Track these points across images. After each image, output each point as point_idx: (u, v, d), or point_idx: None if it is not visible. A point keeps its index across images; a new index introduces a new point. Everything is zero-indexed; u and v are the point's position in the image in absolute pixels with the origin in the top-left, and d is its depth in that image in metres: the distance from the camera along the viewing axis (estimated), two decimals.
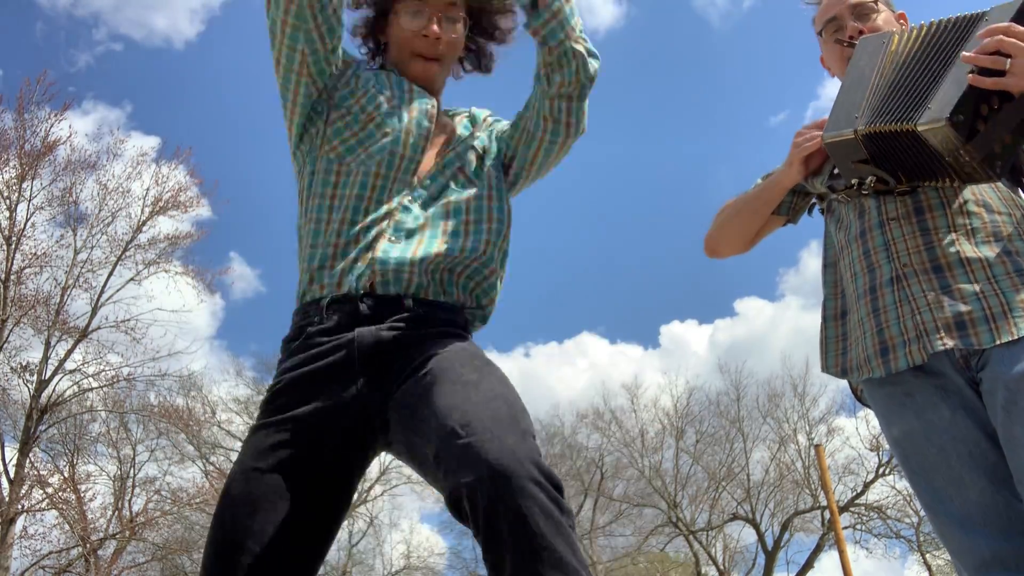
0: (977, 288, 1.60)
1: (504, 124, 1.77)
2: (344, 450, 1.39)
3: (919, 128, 1.53)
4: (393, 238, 1.49)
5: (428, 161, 1.61)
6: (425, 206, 1.55)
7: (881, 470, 20.56)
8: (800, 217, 2.05)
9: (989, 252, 1.64)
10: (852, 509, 21.07)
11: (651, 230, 37.49)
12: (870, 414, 22.18)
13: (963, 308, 1.60)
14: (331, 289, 1.47)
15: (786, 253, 38.53)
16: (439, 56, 1.66)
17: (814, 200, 1.99)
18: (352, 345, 1.40)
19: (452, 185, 1.58)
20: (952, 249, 1.65)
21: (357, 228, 1.50)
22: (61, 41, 29.05)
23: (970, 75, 1.51)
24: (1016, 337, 1.54)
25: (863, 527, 21.18)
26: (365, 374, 1.39)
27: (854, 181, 1.70)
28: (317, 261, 1.51)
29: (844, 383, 1.87)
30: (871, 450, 20.75)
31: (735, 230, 2.03)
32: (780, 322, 33.19)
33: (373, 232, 1.50)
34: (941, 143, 1.52)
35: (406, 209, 1.53)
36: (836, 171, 1.77)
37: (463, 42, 1.72)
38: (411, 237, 1.51)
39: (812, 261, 33.94)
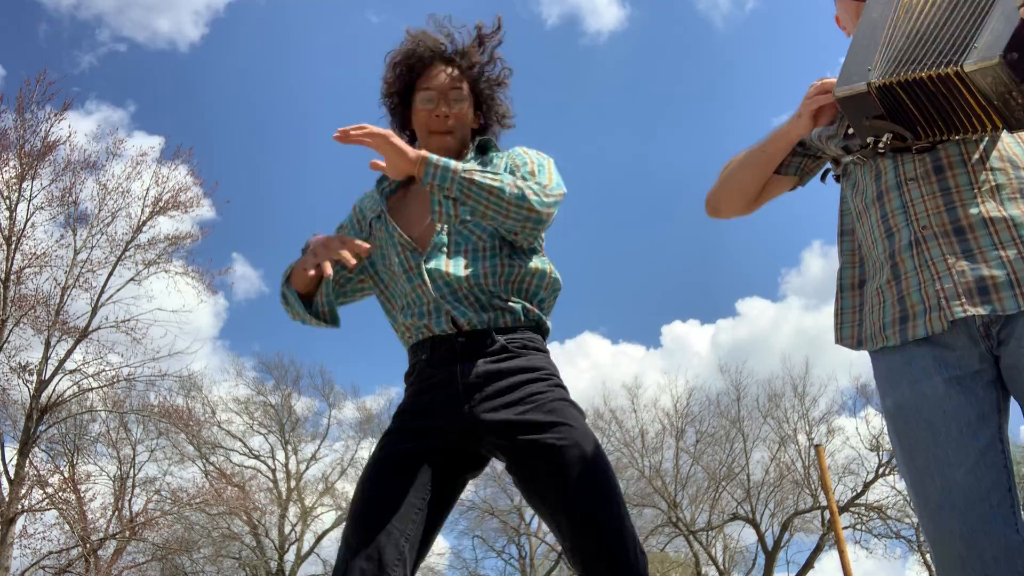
0: (1002, 252, 1.51)
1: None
2: (452, 457, 1.78)
3: (967, 69, 1.42)
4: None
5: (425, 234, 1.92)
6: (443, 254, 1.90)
7: (881, 470, 20.58)
8: (809, 179, 1.94)
9: (1015, 211, 1.54)
10: (852, 509, 21.08)
11: (653, 230, 37.53)
12: (870, 414, 22.09)
13: (986, 272, 1.51)
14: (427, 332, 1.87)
15: (788, 253, 38.58)
16: (451, 130, 1.98)
17: (828, 166, 1.89)
18: (456, 380, 1.79)
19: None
20: (975, 209, 1.55)
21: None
22: (64, 42, 29.11)
23: (1022, 8, 1.39)
24: None
25: (863, 527, 21.20)
26: (468, 401, 1.76)
27: (869, 140, 1.61)
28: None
29: (845, 383, 1.86)
30: (871, 450, 20.78)
31: (737, 186, 1.92)
32: (782, 322, 33.24)
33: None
34: (992, 85, 1.42)
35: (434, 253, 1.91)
36: (851, 131, 1.68)
37: (471, 115, 2.04)
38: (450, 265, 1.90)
39: (814, 261, 33.98)
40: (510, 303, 1.85)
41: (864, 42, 1.62)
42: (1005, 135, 1.61)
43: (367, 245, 1.71)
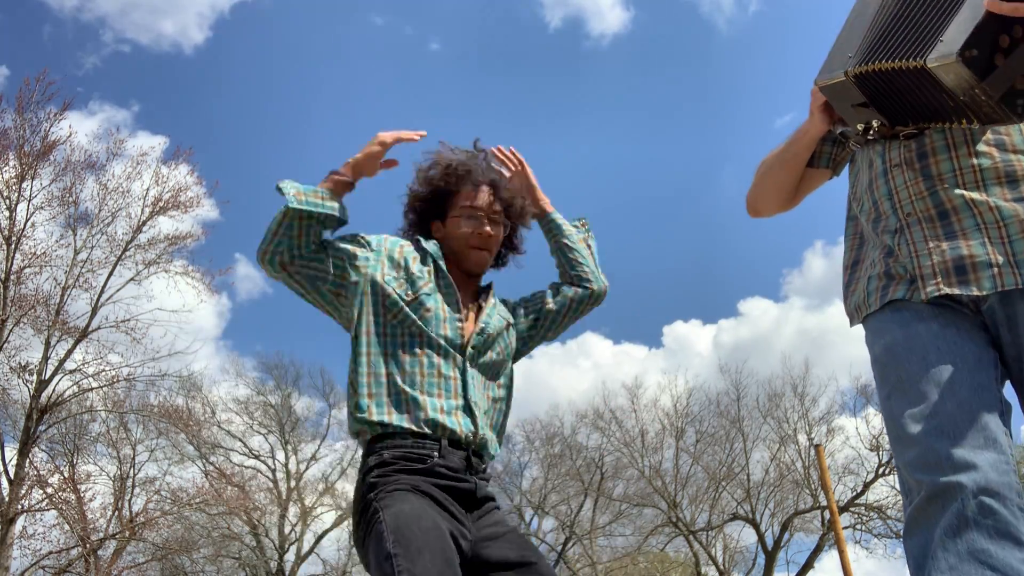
0: (984, 233, 1.49)
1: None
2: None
3: (929, 65, 1.40)
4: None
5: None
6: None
7: (881, 470, 20.56)
8: (843, 168, 1.92)
9: (997, 194, 1.51)
10: (852, 509, 21.06)
11: (656, 231, 37.54)
12: (870, 414, 22.19)
13: (965, 252, 1.49)
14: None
15: (790, 254, 38.53)
16: (491, 248, 2.12)
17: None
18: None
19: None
20: (957, 192, 1.53)
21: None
22: (68, 43, 29.17)
23: (987, 1, 1.36)
24: (1021, 286, 1.43)
25: (863, 527, 21.18)
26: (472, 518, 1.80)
27: (860, 127, 1.60)
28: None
29: (845, 383, 1.83)
30: (871, 450, 20.77)
31: (772, 186, 1.92)
32: (784, 323, 33.21)
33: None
34: (954, 81, 1.39)
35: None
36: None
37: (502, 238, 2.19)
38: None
39: (816, 262, 33.96)
40: (501, 432, 1.99)
41: (853, 26, 1.60)
42: None
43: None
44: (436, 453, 1.76)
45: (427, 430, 1.77)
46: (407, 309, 1.90)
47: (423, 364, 1.85)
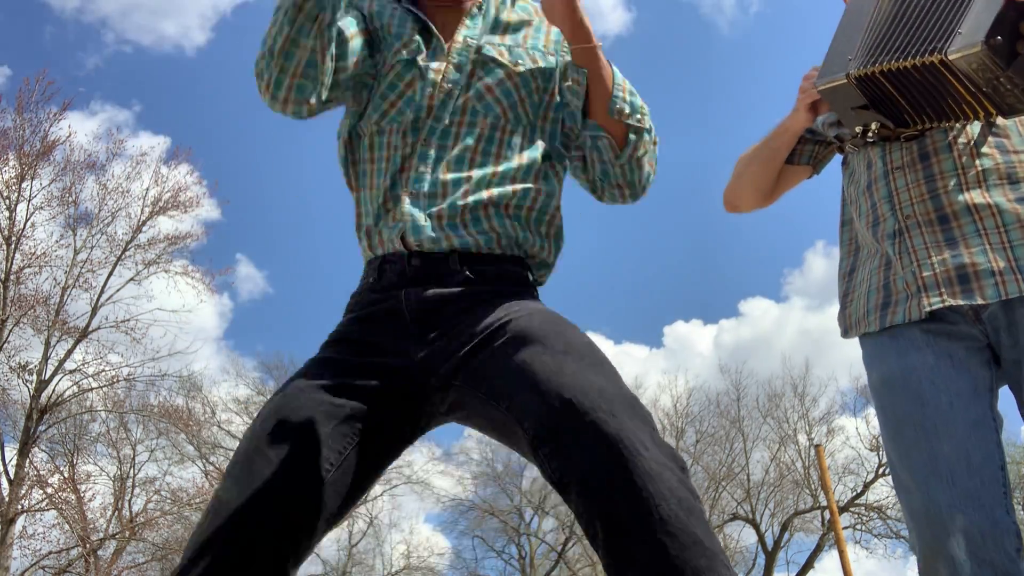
0: (986, 240, 1.49)
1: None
2: (396, 412, 1.28)
3: (951, 57, 1.38)
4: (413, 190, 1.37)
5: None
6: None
7: (881, 470, 20.55)
8: (823, 167, 1.91)
9: (1001, 198, 1.51)
10: (852, 509, 21.06)
11: (656, 230, 37.51)
12: (870, 414, 22.24)
13: (967, 260, 1.49)
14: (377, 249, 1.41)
15: (791, 254, 38.55)
16: None
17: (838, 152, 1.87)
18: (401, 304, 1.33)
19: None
20: (959, 196, 1.52)
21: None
22: (70, 44, 29.23)
23: None
24: None
25: (863, 527, 21.18)
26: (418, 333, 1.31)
27: (858, 129, 1.59)
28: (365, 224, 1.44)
29: (845, 383, 1.83)
30: (871, 450, 20.76)
31: (750, 181, 1.90)
32: (785, 323, 33.19)
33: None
34: (977, 71, 1.38)
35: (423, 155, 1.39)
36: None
37: None
38: (434, 185, 1.37)
39: (817, 262, 33.94)
40: (539, 241, 1.46)
41: (848, 28, 1.59)
42: (1000, 119, 1.57)
43: None
44: (371, 279, 1.38)
45: (377, 252, 1.39)
46: (391, 97, 1.42)
47: (384, 163, 1.40)
